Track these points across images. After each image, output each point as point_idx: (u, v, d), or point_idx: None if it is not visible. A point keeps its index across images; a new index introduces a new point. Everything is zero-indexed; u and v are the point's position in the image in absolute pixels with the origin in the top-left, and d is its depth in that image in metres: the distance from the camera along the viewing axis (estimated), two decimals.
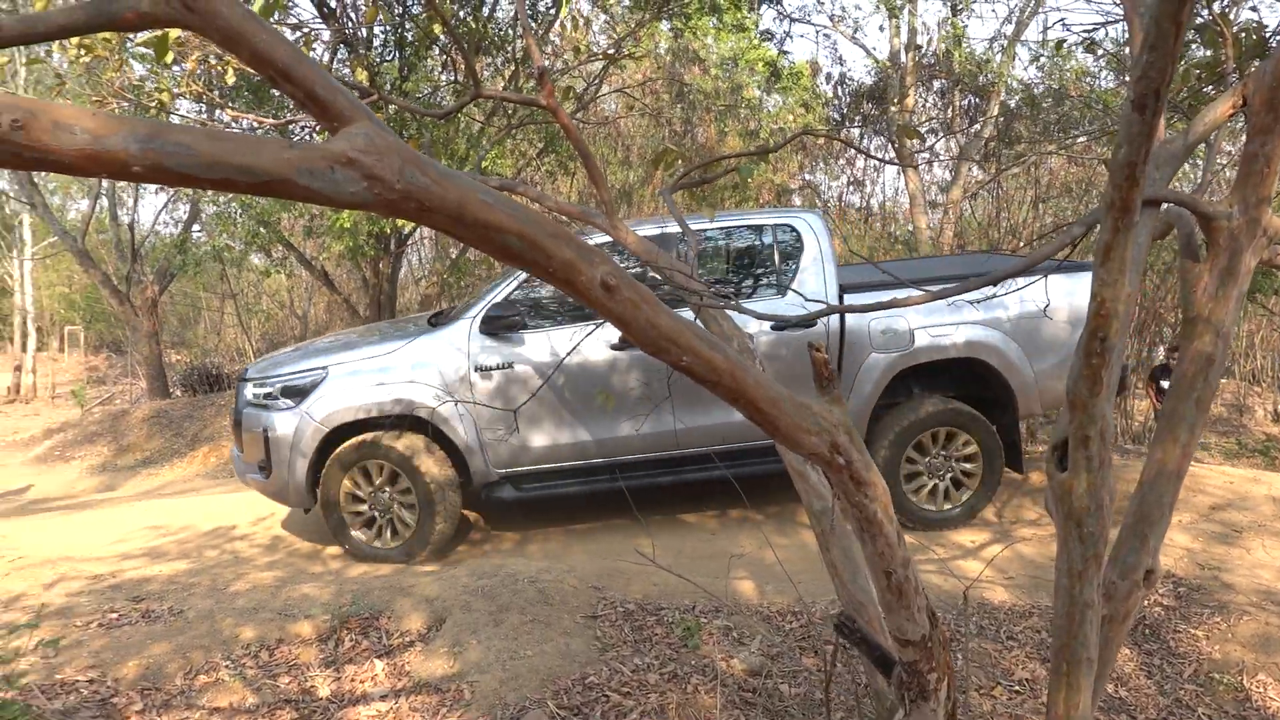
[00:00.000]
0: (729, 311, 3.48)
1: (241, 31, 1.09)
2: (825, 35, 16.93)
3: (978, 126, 15.11)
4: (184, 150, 0.99)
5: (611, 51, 10.17)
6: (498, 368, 5.77)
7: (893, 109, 14.34)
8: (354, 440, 5.69)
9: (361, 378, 5.78)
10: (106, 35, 4.53)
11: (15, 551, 5.80)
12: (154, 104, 5.21)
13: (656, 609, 4.36)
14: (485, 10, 9.47)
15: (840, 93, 16.37)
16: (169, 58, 3.33)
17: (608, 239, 4.82)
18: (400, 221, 8.46)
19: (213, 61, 5.08)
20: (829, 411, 1.79)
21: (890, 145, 15.09)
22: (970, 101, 15.73)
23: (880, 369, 5.81)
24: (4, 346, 24.32)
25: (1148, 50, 1.38)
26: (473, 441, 5.75)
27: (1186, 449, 2.28)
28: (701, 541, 5.67)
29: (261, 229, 10.19)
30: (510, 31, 10.01)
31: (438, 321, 6.17)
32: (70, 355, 25.85)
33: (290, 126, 6.53)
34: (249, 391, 5.99)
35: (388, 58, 9.23)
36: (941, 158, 15.55)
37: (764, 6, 11.94)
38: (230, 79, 4.57)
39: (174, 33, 3.53)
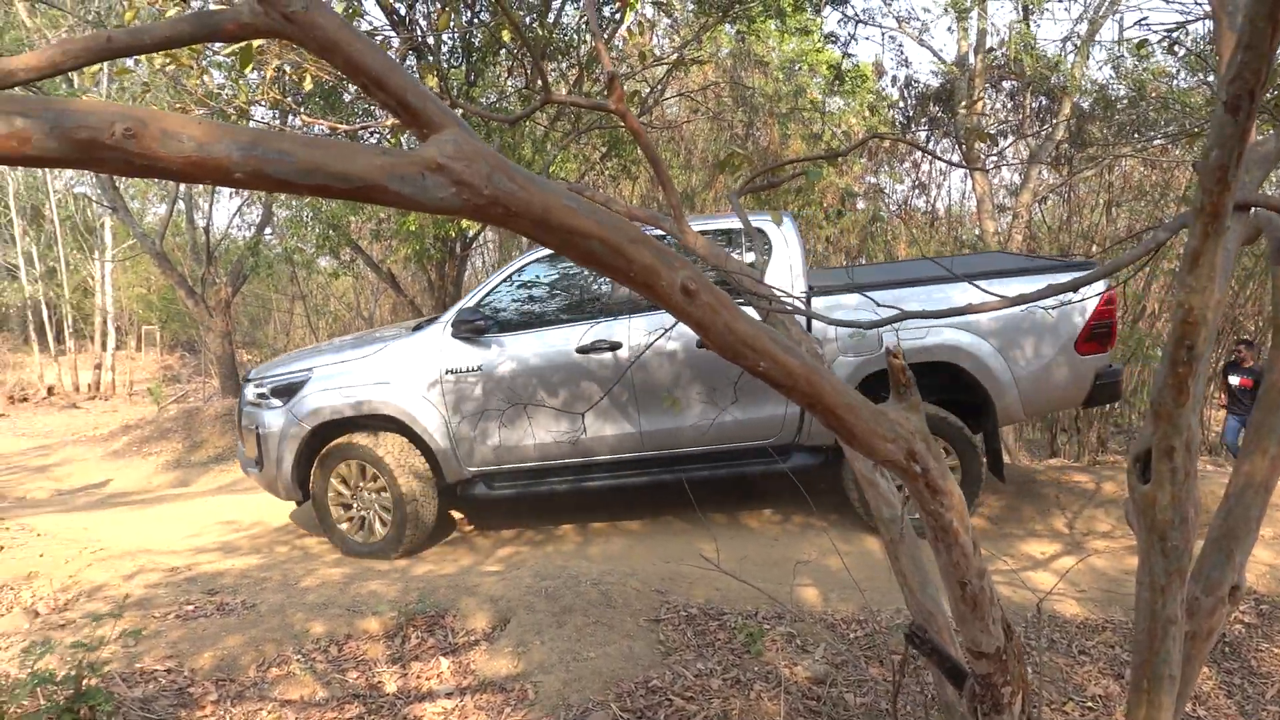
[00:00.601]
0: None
1: (337, 41, 1.12)
2: (891, 37, 16.67)
3: (1048, 129, 14.80)
4: (283, 157, 1.02)
5: (674, 56, 10.20)
6: (467, 370, 5.92)
7: (961, 111, 14.10)
8: (338, 439, 5.96)
9: (340, 380, 6.04)
10: (193, 45, 4.67)
11: (97, 543, 6.00)
12: (232, 110, 5.37)
13: (719, 614, 4.35)
14: (550, 17, 9.55)
15: (906, 95, 16.16)
16: (249, 66, 3.42)
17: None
18: (465, 224, 8.58)
19: (288, 70, 5.22)
20: (905, 418, 1.77)
21: (958, 148, 14.85)
22: (1041, 103, 15.41)
23: (847, 372, 5.77)
24: (85, 345, 25.19)
25: (1242, 50, 1.34)
26: (444, 441, 5.91)
27: (1276, 461, 2.21)
28: (763, 547, 5.63)
29: (331, 232, 10.41)
30: (575, 37, 10.08)
31: (420, 327, 6.36)
32: (147, 354, 26.68)
33: (360, 132, 6.66)
34: (249, 391, 6.31)
35: (455, 64, 9.36)
36: (1011, 161, 15.26)
37: (829, 9, 11.84)
38: (308, 85, 4.68)
39: (256, 42, 3.64)
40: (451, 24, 8.75)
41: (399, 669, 3.99)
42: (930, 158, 16.68)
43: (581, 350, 5.83)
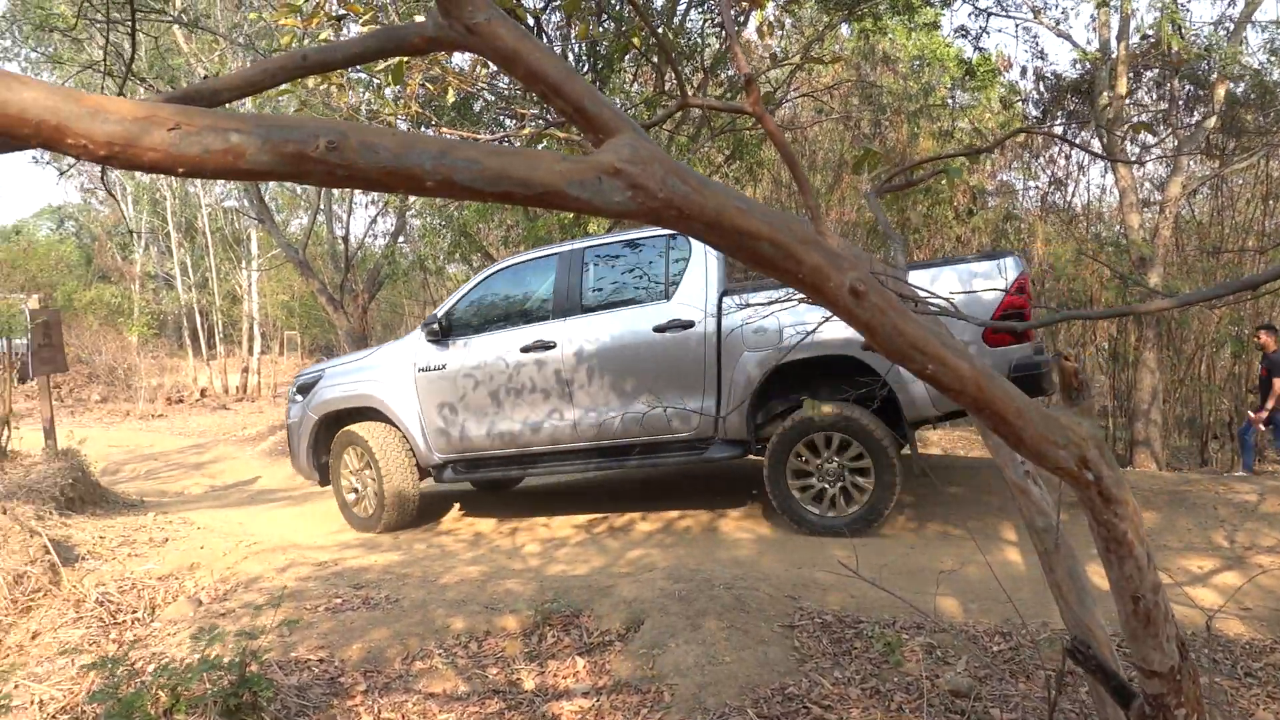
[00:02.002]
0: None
1: (517, 50, 1.15)
2: (1025, 29, 16.07)
3: (1198, 118, 13.96)
4: (472, 165, 1.05)
5: (799, 56, 10.09)
6: (434, 368, 6.68)
7: (1104, 102, 13.45)
8: (344, 428, 6.95)
9: (342, 377, 7.12)
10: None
11: (251, 537, 6.34)
12: (380, 124, 5.62)
13: (855, 622, 4.26)
14: (675, 21, 9.60)
15: (1042, 88, 15.53)
16: (398, 82, 3.56)
17: None
18: (593, 227, 8.69)
19: (429, 85, 5.42)
20: (1077, 424, 1.69)
21: (1099, 140, 14.16)
22: (1190, 91, 14.55)
23: (751, 366, 5.85)
24: (233, 350, 26.70)
25: None
26: (416, 431, 6.72)
27: None
28: (900, 554, 5.50)
29: (462, 239, 10.71)
30: (699, 40, 10.10)
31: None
32: (288, 358, 28.08)
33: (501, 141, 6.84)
34: (291, 390, 7.50)
35: (582, 71, 9.51)
36: (1159, 153, 14.46)
37: (959, 2, 11.54)
38: (451, 98, 4.84)
39: (405, 58, 3.79)
40: (575, 31, 8.90)
41: (536, 666, 4.06)
42: (1066, 152, 15.97)
43: (524, 349, 6.39)
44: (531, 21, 9.39)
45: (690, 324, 5.98)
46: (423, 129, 9.33)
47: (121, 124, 0.93)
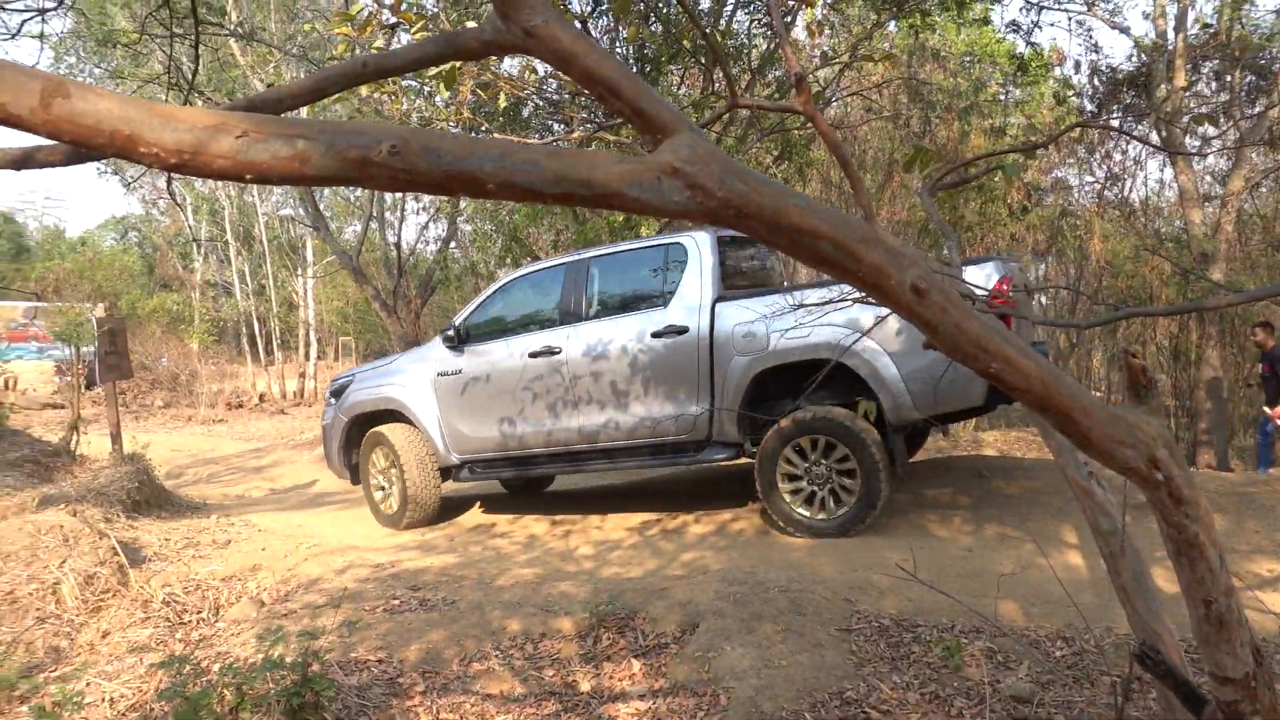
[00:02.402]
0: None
1: (574, 52, 1.15)
2: (1079, 22, 15.73)
3: (1260, 109, 13.55)
4: (533, 167, 1.05)
5: (847, 55, 10.00)
6: (453, 373, 7.01)
7: (1162, 95, 13.13)
8: (372, 429, 7.38)
9: (369, 381, 7.55)
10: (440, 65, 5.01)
11: (311, 539, 6.45)
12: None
13: (913, 625, 4.20)
14: (722, 23, 9.57)
15: (1097, 82, 15.20)
16: (450, 87, 3.59)
17: None
18: (645, 231, 8.70)
19: (479, 91, 5.47)
20: (1146, 423, 1.65)
21: (1157, 133, 13.83)
22: (1252, 82, 14.14)
23: (740, 370, 5.99)
24: (290, 355, 27.21)
25: None
26: (435, 432, 7.08)
27: None
28: (956, 558, 5.41)
29: (513, 244, 10.80)
30: (747, 41, 10.06)
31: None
32: (343, 363, 28.53)
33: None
34: (326, 394, 8.03)
35: None
36: (1220, 145, 14.08)
37: None
38: (503, 103, 4.88)
39: (457, 65, 3.83)
40: (624, 33, 8.92)
41: (592, 668, 4.07)
42: (1123, 147, 15.62)
43: (532, 354, 6.67)
44: (579, 25, 9.45)
45: (685, 329, 6.17)
46: (473, 135, 9.43)
47: (191, 132, 0.95)
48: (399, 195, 17.88)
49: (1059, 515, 5.88)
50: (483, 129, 6.83)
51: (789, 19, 9.46)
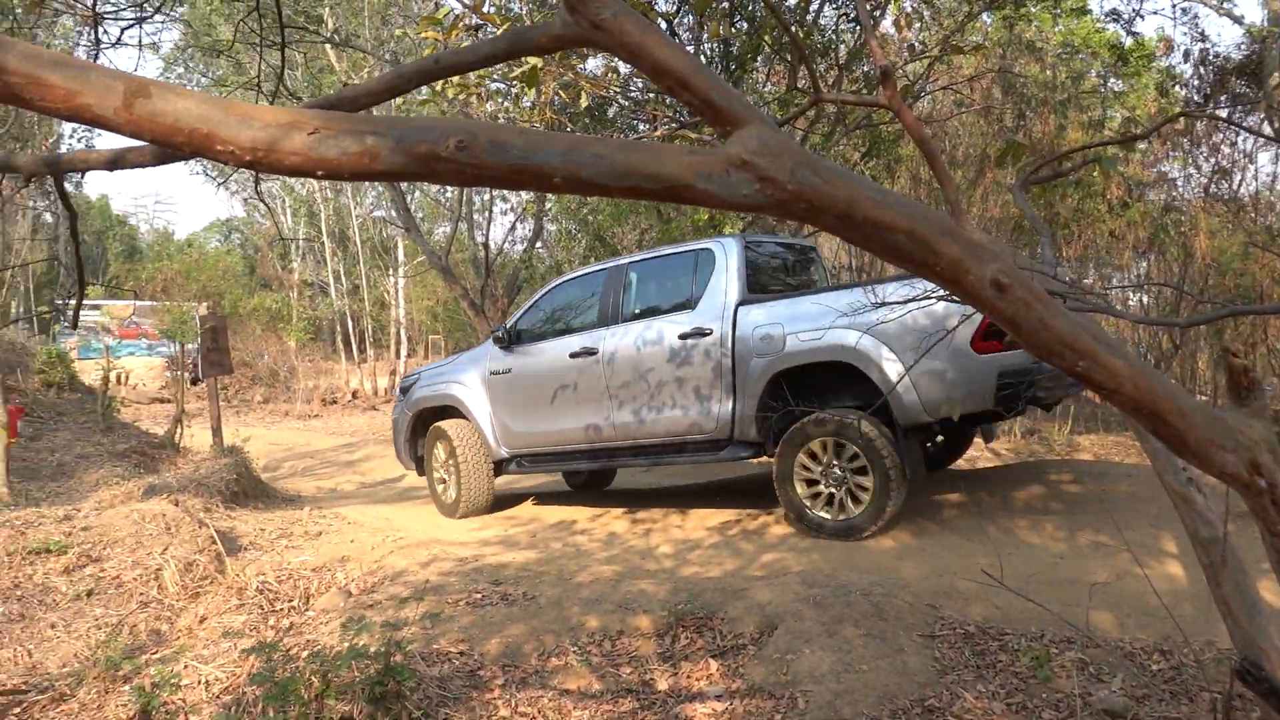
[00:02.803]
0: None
1: (644, 45, 1.14)
2: (1183, 10, 15.05)
3: None
4: (599, 161, 1.04)
5: (937, 48, 9.77)
6: (503, 372, 7.42)
7: (1275, 83, 12.48)
8: (434, 424, 7.83)
9: (432, 379, 8.08)
10: (480, 72, 5.11)
11: (397, 533, 6.60)
12: None
13: (1000, 634, 4.08)
14: (809, 18, 9.46)
15: (1204, 72, 14.52)
16: (533, 87, 3.63)
17: None
18: (729, 229, 8.66)
19: (561, 91, 5.51)
20: (1247, 426, 1.56)
21: (1269, 124, 13.14)
22: None
23: (758, 372, 6.11)
24: (382, 353, 27.92)
25: None
26: (487, 428, 7.50)
27: None
28: (1048, 565, 5.24)
29: (598, 243, 10.86)
30: (834, 36, 9.92)
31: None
32: (433, 361, 29.13)
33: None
34: (398, 391, 8.61)
35: (714, 70, 9.48)
36: None
37: None
38: (584, 102, 4.91)
39: (539, 64, 3.87)
40: (705, 32, 8.89)
41: (669, 667, 4.06)
42: (1231, 139, 14.87)
43: (572, 355, 6.99)
44: (664, 25, 9.45)
45: (709, 332, 6.36)
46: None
47: (265, 129, 0.97)
48: (487, 196, 18.18)
49: (1157, 523, 5.64)
50: (567, 129, 6.89)
51: (877, 12, 9.30)
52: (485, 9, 4.57)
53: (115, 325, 24.56)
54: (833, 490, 5.89)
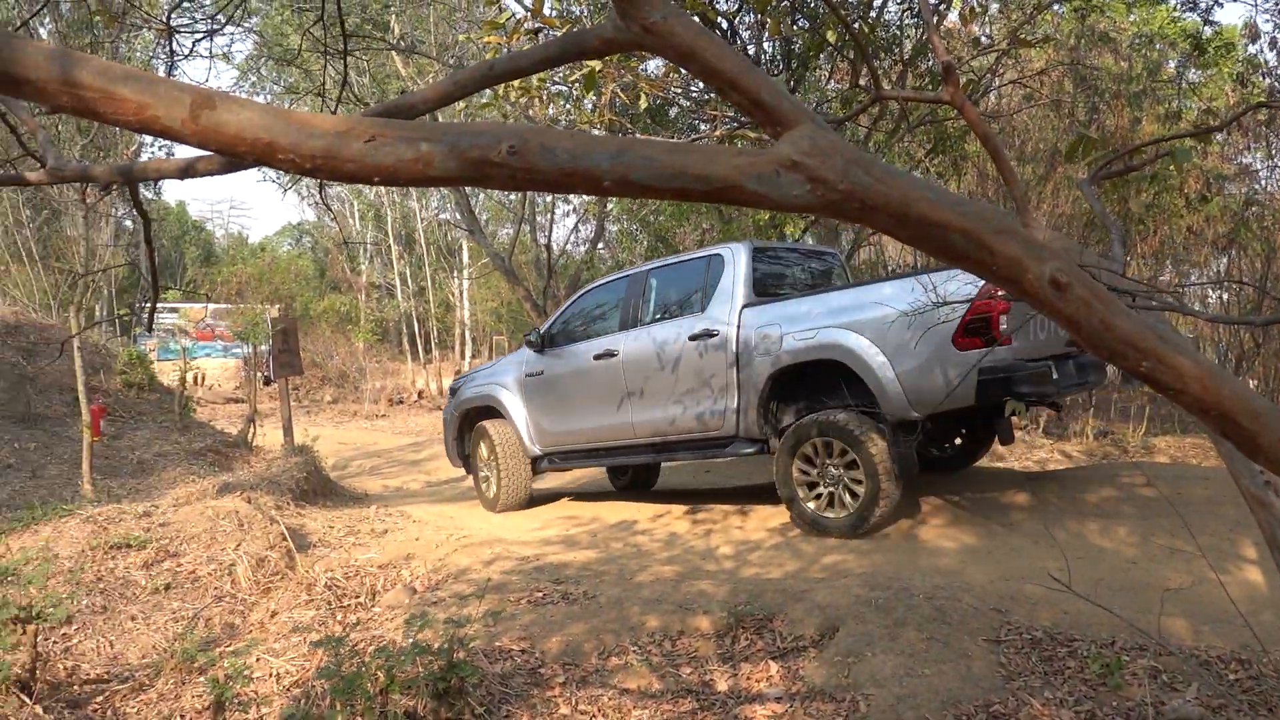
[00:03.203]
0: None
1: (694, 47, 1.15)
2: None
3: None
4: (649, 163, 1.05)
5: (1005, 41, 9.57)
6: (536, 374, 7.80)
7: None
8: (478, 423, 8.23)
9: (477, 381, 8.53)
10: (541, 75, 5.17)
11: (461, 531, 6.69)
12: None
13: (1068, 640, 3.98)
14: (872, 14, 9.35)
15: None
16: (591, 90, 3.66)
17: None
18: (790, 229, 8.60)
19: (621, 93, 5.53)
20: None
21: None
22: None
23: (758, 371, 6.32)
24: (447, 354, 28.33)
25: None
26: (523, 427, 7.87)
27: None
28: (1119, 570, 5.10)
29: (659, 243, 10.88)
30: (898, 32, 9.78)
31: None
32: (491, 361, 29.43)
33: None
34: (449, 392, 9.08)
35: (776, 71, 9.43)
36: None
37: None
38: (644, 104, 4.93)
39: (597, 67, 3.90)
40: (766, 31, 8.84)
41: (729, 668, 4.06)
42: None
43: (596, 357, 7.33)
44: (725, 24, 9.42)
45: (715, 333, 6.60)
46: (617, 136, 9.56)
47: (324, 138, 1.00)
48: (549, 199, 18.34)
49: (1236, 528, 5.45)
50: (627, 131, 6.92)
51: (941, 6, 9.15)
52: (545, 12, 4.62)
53: (192, 328, 25.35)
54: (831, 489, 6.04)
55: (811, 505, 6.10)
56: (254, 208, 76.85)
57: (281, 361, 10.28)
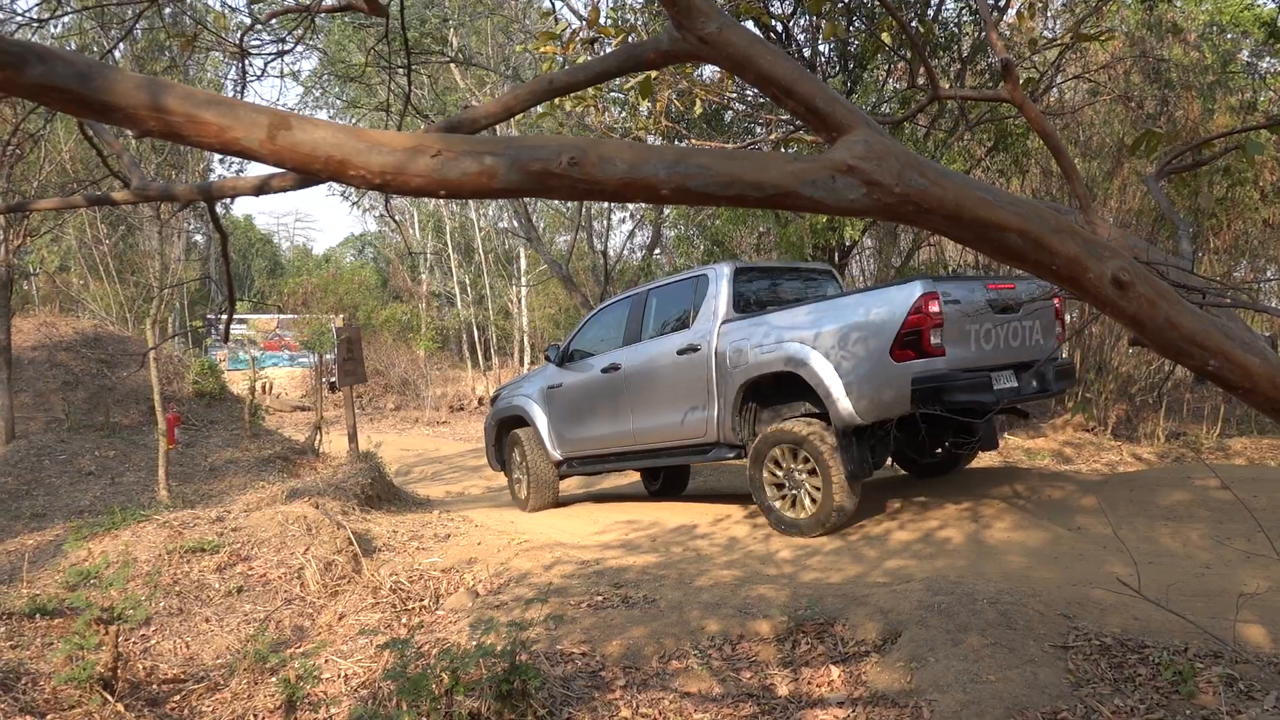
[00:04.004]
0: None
1: (749, 56, 1.17)
2: None
3: None
4: (704, 171, 1.08)
5: (1068, 36, 9.37)
6: (555, 385, 8.48)
7: None
8: (511, 431, 8.95)
9: (510, 392, 9.21)
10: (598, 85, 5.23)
11: (521, 535, 6.77)
12: (633, 140, 5.87)
13: (1139, 646, 3.89)
14: (930, 12, 9.24)
15: None
16: (647, 98, 3.69)
17: None
18: (850, 230, 8.54)
19: (675, 100, 5.56)
20: None
21: None
22: None
23: (732, 382, 6.80)
24: (506, 361, 28.62)
25: None
26: (546, 434, 8.50)
27: None
28: (1191, 576, 4.97)
29: (715, 248, 10.87)
30: (956, 30, 9.66)
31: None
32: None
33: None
34: (491, 401, 9.76)
35: (831, 73, 9.37)
36: None
37: None
38: (698, 110, 4.96)
39: (653, 75, 3.93)
40: (822, 33, 8.79)
41: (790, 673, 4.05)
42: None
43: (603, 370, 7.90)
44: (780, 27, 9.40)
45: (698, 348, 7.09)
46: (674, 142, 9.58)
47: (393, 154, 1.04)
48: (606, 205, 18.44)
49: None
50: (683, 137, 6.95)
51: (999, 2, 9.01)
52: (602, 21, 4.67)
53: (260, 338, 26.00)
54: (794, 492, 6.48)
55: (778, 504, 6.55)
56: (318, 220, 78.66)
57: (346, 370, 10.50)
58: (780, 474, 6.51)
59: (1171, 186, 11.36)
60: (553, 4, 13.05)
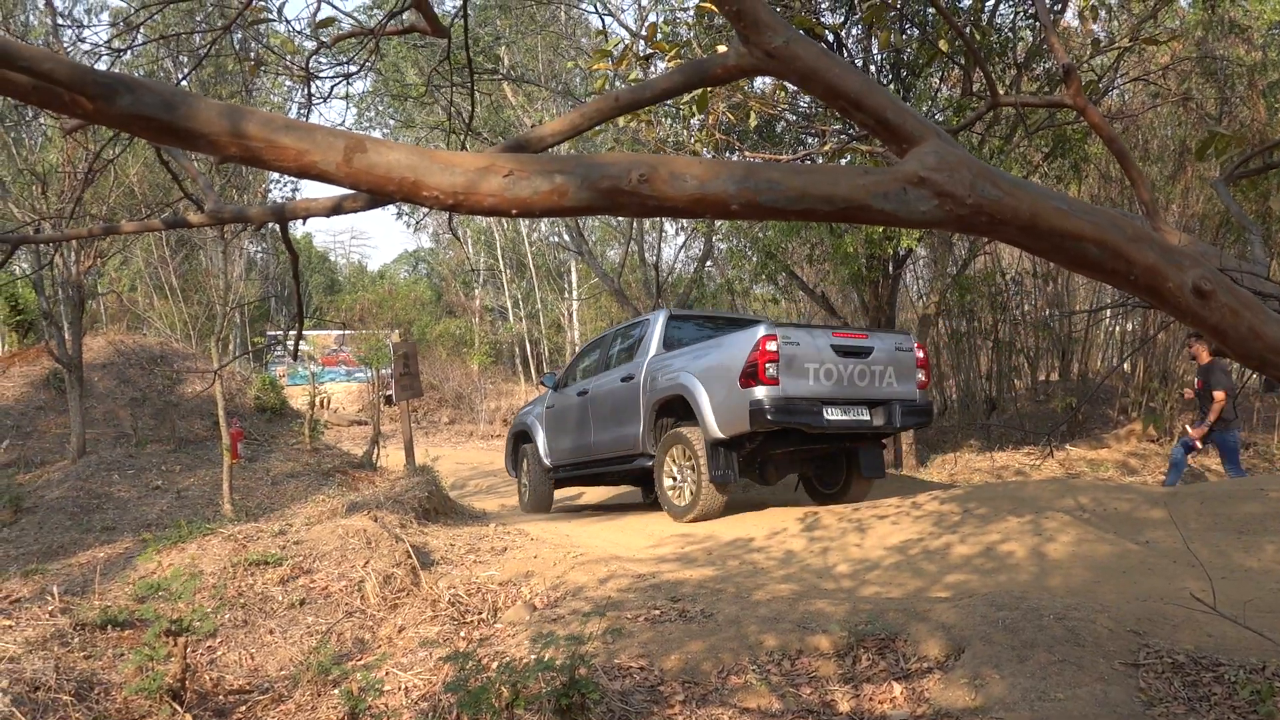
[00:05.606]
0: None
1: (816, 69, 1.16)
2: None
3: None
4: (774, 186, 1.07)
5: (1127, 39, 9.19)
6: (550, 407, 10.25)
7: None
8: (522, 444, 10.75)
9: (525, 411, 11.07)
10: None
11: (577, 549, 6.78)
12: (687, 153, 5.88)
13: (1214, 664, 3.77)
14: (984, 19, 9.13)
15: None
16: (701, 111, 3.69)
17: None
18: (906, 241, 8.45)
19: (728, 113, 5.56)
20: None
21: None
22: None
23: (649, 404, 8.51)
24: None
25: None
26: (543, 446, 10.19)
27: None
28: (1268, 591, 4.81)
29: (768, 260, 10.83)
30: (1011, 35, 9.53)
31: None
32: None
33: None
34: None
35: (884, 82, 9.30)
36: None
37: None
38: (753, 122, 4.95)
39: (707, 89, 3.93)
40: (875, 41, 8.73)
41: (850, 689, 3.99)
42: None
43: (578, 395, 9.66)
44: (831, 38, 9.35)
45: (632, 377, 8.78)
46: (726, 154, 9.58)
47: (465, 174, 1.05)
48: (655, 219, 18.47)
49: None
50: (735, 149, 6.94)
51: (1058, 6, 8.87)
52: (656, 37, 4.70)
53: (319, 353, 26.48)
54: (680, 486, 8.13)
55: (671, 495, 8.19)
56: (372, 237, 79.98)
57: (403, 384, 10.65)
58: (675, 470, 8.15)
59: (1237, 190, 11.05)
60: (603, 21, 13.14)
